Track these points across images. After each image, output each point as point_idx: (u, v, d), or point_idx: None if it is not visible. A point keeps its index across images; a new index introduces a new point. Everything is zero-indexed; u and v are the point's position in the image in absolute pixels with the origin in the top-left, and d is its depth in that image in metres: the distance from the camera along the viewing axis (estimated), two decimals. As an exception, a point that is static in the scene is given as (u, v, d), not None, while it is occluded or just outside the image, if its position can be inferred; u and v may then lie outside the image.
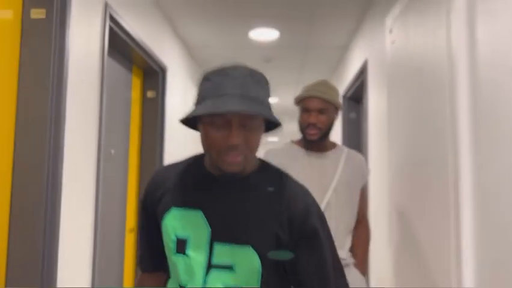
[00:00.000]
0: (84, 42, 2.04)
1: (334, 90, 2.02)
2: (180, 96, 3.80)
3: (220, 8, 3.04)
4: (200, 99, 1.07)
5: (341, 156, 2.05)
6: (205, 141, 1.09)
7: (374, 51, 2.87)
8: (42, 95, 1.76)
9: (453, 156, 1.59)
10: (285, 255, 1.11)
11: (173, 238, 1.13)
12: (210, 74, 1.09)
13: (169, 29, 3.45)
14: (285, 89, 5.61)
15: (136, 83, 2.99)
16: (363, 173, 2.07)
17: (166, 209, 1.15)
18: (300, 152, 2.06)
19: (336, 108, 2.02)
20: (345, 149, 2.10)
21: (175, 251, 1.13)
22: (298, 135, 2.12)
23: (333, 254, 1.15)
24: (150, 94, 3.08)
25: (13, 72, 1.75)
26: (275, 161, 1.68)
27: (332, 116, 2.01)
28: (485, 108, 1.41)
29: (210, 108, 1.01)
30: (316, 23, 3.33)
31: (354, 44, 3.68)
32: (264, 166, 1.20)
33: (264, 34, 3.61)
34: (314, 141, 2.00)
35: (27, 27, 1.79)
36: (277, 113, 7.66)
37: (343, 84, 4.12)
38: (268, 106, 1.09)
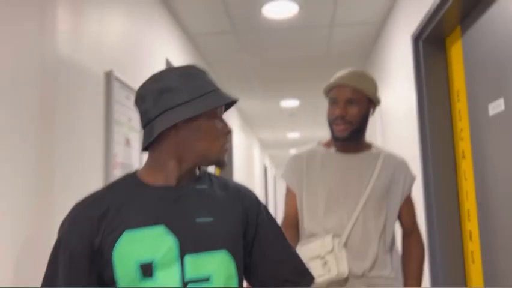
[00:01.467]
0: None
1: (369, 81, 1.68)
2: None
3: (264, 88, 5.07)
4: (189, 98, 0.98)
5: (378, 159, 1.70)
6: (211, 134, 1.01)
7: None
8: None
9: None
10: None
11: (134, 267, 0.92)
12: (183, 70, 1.02)
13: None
14: (304, 128, 7.83)
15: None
16: (405, 180, 1.71)
17: (116, 237, 0.93)
18: (328, 154, 1.72)
19: (370, 101, 1.67)
20: (383, 151, 1.75)
21: (140, 279, 0.92)
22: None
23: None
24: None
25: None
26: (298, 167, 1.70)
27: (365, 109, 1.66)
28: (387, 130, 3.35)
29: (223, 100, 1.00)
30: (322, 96, 5.37)
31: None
32: (204, 172, 1.12)
33: (289, 102, 5.76)
34: (343, 138, 1.64)
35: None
36: (299, 144, 9.76)
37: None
38: None
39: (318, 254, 1.58)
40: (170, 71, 1.03)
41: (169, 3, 2.85)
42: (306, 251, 1.61)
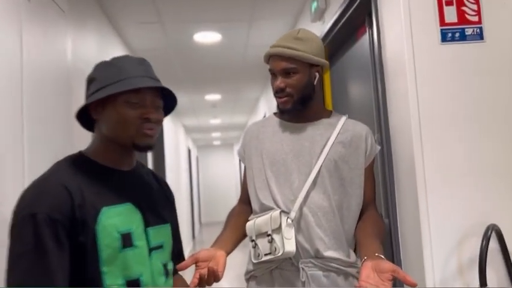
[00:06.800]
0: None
1: (306, 44, 1.47)
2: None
3: (191, 85, 5.09)
4: (106, 83, 1.09)
5: (335, 127, 1.50)
6: (122, 119, 1.09)
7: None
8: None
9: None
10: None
11: (117, 235, 1.09)
12: (108, 62, 1.14)
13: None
14: (224, 116, 8.51)
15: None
16: (366, 149, 1.50)
17: (96, 212, 1.07)
18: (278, 124, 1.56)
19: (312, 66, 1.48)
20: (343, 118, 1.54)
21: (121, 247, 1.09)
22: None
23: None
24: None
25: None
26: (249, 137, 1.58)
27: (306, 76, 1.47)
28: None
29: (137, 83, 1.07)
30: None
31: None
32: (136, 160, 1.26)
33: (213, 96, 5.73)
34: (287, 110, 1.50)
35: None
36: (220, 129, 10.51)
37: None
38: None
39: (266, 230, 1.42)
40: (100, 63, 1.16)
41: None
42: (253, 226, 1.46)
